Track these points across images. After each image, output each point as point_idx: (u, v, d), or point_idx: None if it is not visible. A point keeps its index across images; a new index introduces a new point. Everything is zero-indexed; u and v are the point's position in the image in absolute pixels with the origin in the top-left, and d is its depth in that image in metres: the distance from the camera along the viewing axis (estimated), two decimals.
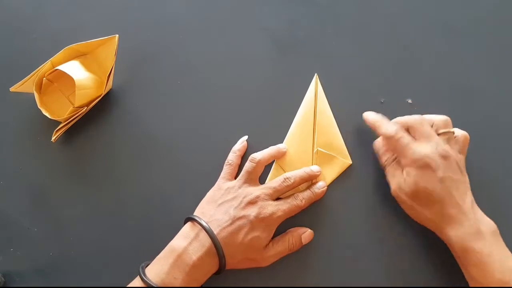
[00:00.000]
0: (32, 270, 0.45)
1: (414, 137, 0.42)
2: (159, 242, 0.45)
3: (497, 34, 0.52)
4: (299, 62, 0.51)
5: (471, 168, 0.42)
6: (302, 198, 0.44)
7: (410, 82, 0.50)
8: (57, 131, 0.46)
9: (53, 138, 0.46)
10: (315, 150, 0.47)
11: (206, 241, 0.40)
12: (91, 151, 0.48)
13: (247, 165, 0.44)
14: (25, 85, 0.47)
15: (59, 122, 0.47)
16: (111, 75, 0.47)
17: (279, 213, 0.42)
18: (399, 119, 0.43)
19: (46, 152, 0.48)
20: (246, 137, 0.47)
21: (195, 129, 0.49)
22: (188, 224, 0.42)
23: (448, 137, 0.42)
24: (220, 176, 0.45)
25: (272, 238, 0.43)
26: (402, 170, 0.42)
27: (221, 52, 0.52)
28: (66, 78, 0.46)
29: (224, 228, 0.40)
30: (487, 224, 0.39)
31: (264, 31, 0.52)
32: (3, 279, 0.44)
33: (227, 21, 0.53)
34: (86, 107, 0.47)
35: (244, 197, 0.42)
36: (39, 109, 0.46)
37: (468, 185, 0.41)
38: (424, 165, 0.40)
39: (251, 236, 0.41)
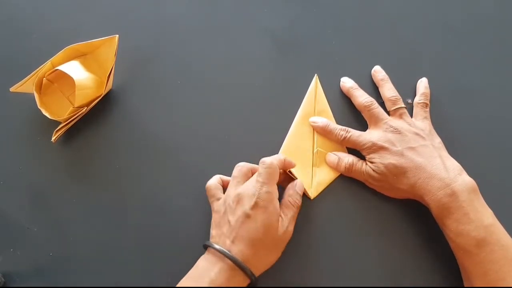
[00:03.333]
0: (32, 270, 0.45)
1: (367, 121, 0.47)
2: (159, 242, 0.46)
3: (497, 34, 0.52)
4: (299, 62, 0.51)
5: (471, 168, 0.42)
6: (263, 160, 0.42)
7: (410, 82, 0.50)
8: (57, 131, 0.46)
9: (53, 138, 0.46)
10: (315, 150, 0.47)
11: (225, 261, 0.39)
12: (91, 151, 0.48)
13: (233, 171, 0.44)
14: (25, 85, 0.46)
15: (59, 122, 0.47)
16: (111, 75, 0.47)
17: (264, 188, 0.40)
18: (353, 99, 0.48)
19: (46, 152, 0.48)
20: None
21: (195, 129, 0.49)
22: (204, 254, 0.41)
23: (400, 112, 0.46)
24: (209, 202, 0.44)
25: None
26: (366, 162, 0.44)
27: (221, 52, 0.52)
28: (66, 78, 0.46)
29: (231, 237, 0.40)
30: (464, 181, 0.40)
31: (264, 31, 0.52)
32: (3, 279, 0.44)
33: (227, 21, 0.53)
34: (86, 107, 0.47)
35: (231, 202, 0.41)
36: (39, 109, 0.46)
37: (436, 146, 0.43)
38: (380, 147, 0.43)
39: (260, 225, 0.39)
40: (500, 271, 0.37)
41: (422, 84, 0.49)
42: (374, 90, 0.50)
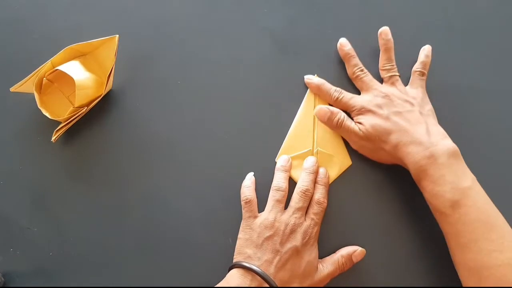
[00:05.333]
0: (32, 270, 0.45)
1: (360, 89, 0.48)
2: (159, 242, 0.46)
3: (497, 34, 0.52)
4: (299, 62, 0.51)
5: (471, 168, 0.42)
6: (319, 198, 0.44)
7: None
8: (57, 131, 0.46)
9: (53, 138, 0.46)
10: (315, 150, 0.47)
11: (263, 286, 0.39)
12: (91, 151, 0.48)
13: (276, 195, 0.44)
14: (25, 85, 0.46)
15: (59, 122, 0.47)
16: (111, 75, 0.47)
17: (316, 228, 0.43)
18: (347, 65, 0.49)
19: (46, 152, 0.48)
20: (252, 173, 0.47)
21: (195, 129, 0.49)
22: (238, 271, 0.40)
23: (392, 80, 0.47)
24: (244, 216, 0.44)
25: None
26: (355, 123, 0.46)
27: (221, 52, 0.52)
28: (66, 78, 0.46)
29: (277, 266, 0.40)
30: (444, 145, 0.41)
31: (264, 31, 0.52)
32: (3, 279, 0.44)
33: (227, 21, 0.53)
34: (86, 107, 0.47)
35: (284, 229, 0.41)
36: (39, 109, 0.46)
37: (424, 113, 0.44)
38: (366, 110, 0.45)
39: (304, 263, 0.41)
40: (473, 232, 0.37)
41: (424, 52, 0.49)
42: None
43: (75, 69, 0.46)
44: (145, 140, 0.49)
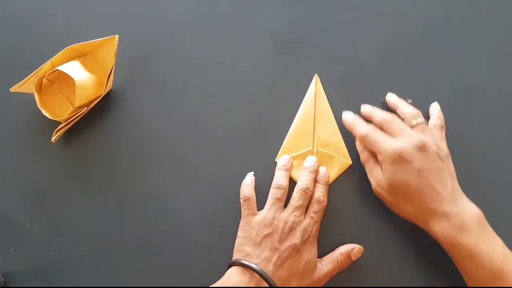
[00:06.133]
0: (32, 270, 0.45)
1: (389, 134, 0.43)
2: (159, 242, 0.46)
3: (497, 34, 0.52)
4: (299, 62, 0.51)
5: (471, 168, 0.42)
6: (319, 196, 0.44)
7: (410, 82, 0.50)
8: (57, 131, 0.46)
9: (53, 138, 0.46)
10: (315, 150, 0.47)
11: (262, 285, 0.39)
12: (91, 151, 0.48)
13: (277, 193, 0.43)
14: (25, 86, 0.46)
15: (59, 123, 0.47)
16: (111, 75, 0.47)
17: (316, 227, 0.42)
18: (373, 118, 0.45)
19: (46, 152, 0.48)
20: (252, 172, 0.46)
21: (195, 129, 0.49)
22: (237, 269, 0.40)
23: (422, 128, 0.42)
24: (243, 214, 0.44)
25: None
26: (380, 167, 0.42)
27: (221, 52, 0.52)
28: (66, 78, 0.46)
29: (275, 264, 0.40)
30: (472, 212, 0.39)
31: (264, 31, 0.52)
32: (3, 279, 0.44)
33: (227, 21, 0.53)
34: (86, 108, 0.47)
35: (283, 227, 0.41)
36: (39, 109, 0.46)
37: (451, 172, 0.41)
38: (398, 159, 0.40)
39: (303, 262, 0.41)
40: None
41: (436, 108, 0.47)
42: (377, 88, 0.49)
43: (75, 69, 0.46)
44: (145, 140, 0.49)
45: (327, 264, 0.42)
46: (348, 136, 0.47)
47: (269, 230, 0.41)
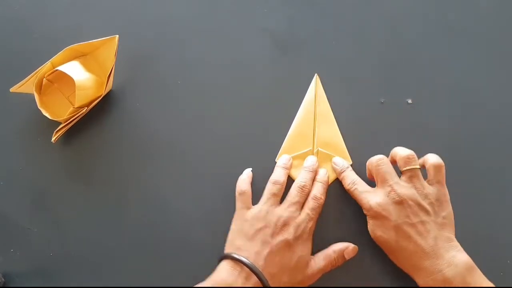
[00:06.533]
0: (32, 270, 0.45)
1: (375, 181, 0.42)
2: (159, 242, 0.46)
3: (497, 34, 0.52)
4: (299, 62, 0.51)
5: (470, 168, 0.42)
6: (316, 194, 0.43)
7: (410, 82, 0.50)
8: (57, 131, 0.46)
9: (53, 138, 0.46)
10: (315, 150, 0.47)
11: (252, 279, 0.38)
12: (91, 152, 0.48)
13: (273, 188, 0.43)
14: (25, 86, 0.46)
15: (59, 123, 0.47)
16: (111, 75, 0.47)
17: (311, 223, 0.42)
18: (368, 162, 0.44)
19: (46, 153, 0.48)
20: (250, 169, 0.46)
21: (195, 129, 0.49)
22: (227, 263, 0.40)
23: (411, 174, 0.41)
24: (237, 208, 0.44)
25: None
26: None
27: (221, 52, 0.52)
28: (66, 78, 0.46)
29: (266, 259, 0.39)
30: (458, 265, 0.38)
31: (264, 31, 0.52)
32: (3, 279, 0.44)
33: (227, 21, 0.53)
34: (86, 108, 0.47)
35: (276, 222, 0.41)
36: (39, 109, 0.46)
37: (439, 223, 0.40)
38: (376, 215, 0.41)
39: (295, 258, 0.40)
40: None
41: (433, 156, 0.43)
42: (377, 88, 0.49)
43: (75, 70, 0.46)
44: (145, 140, 0.49)
45: (319, 261, 0.42)
46: (348, 136, 0.48)
47: (262, 224, 0.41)
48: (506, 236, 0.44)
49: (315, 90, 0.49)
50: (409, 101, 0.49)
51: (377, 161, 0.42)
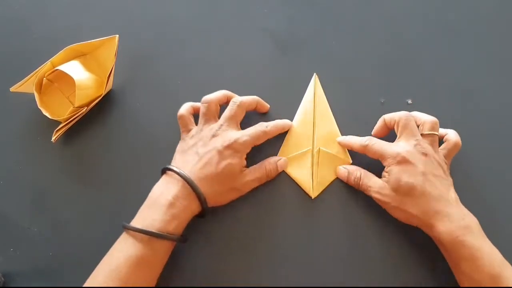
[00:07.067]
0: (32, 270, 0.45)
1: (398, 133, 0.43)
2: None
3: (497, 34, 0.52)
4: (299, 62, 0.51)
5: (470, 168, 0.42)
6: (267, 125, 0.45)
7: (410, 82, 0.50)
8: (57, 131, 0.46)
9: (53, 138, 0.46)
10: (315, 150, 0.47)
11: (178, 181, 0.41)
12: (91, 151, 0.48)
13: (203, 109, 0.45)
14: (25, 85, 0.47)
15: (59, 122, 0.47)
16: (111, 75, 0.47)
17: (244, 138, 0.43)
18: (387, 115, 0.45)
19: (46, 152, 0.48)
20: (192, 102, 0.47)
21: None
22: (164, 177, 0.43)
23: (432, 139, 0.43)
24: (181, 132, 0.46)
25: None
26: (380, 176, 0.43)
27: (221, 52, 0.52)
28: (66, 78, 0.46)
29: (195, 166, 0.42)
30: (472, 219, 0.40)
31: (264, 31, 0.52)
32: (3, 279, 0.44)
33: (227, 21, 0.53)
34: (86, 107, 0.47)
35: (207, 134, 0.43)
36: (39, 109, 0.46)
37: (452, 185, 0.42)
38: (403, 160, 0.41)
39: (223, 164, 0.42)
40: None
41: (454, 134, 0.45)
42: (377, 88, 0.49)
43: (75, 69, 0.46)
44: (145, 140, 0.49)
45: (254, 171, 0.44)
46: (348, 135, 0.48)
47: (196, 140, 0.44)
48: (506, 236, 0.44)
49: (314, 90, 0.49)
50: (409, 101, 0.49)
51: (408, 115, 0.43)
